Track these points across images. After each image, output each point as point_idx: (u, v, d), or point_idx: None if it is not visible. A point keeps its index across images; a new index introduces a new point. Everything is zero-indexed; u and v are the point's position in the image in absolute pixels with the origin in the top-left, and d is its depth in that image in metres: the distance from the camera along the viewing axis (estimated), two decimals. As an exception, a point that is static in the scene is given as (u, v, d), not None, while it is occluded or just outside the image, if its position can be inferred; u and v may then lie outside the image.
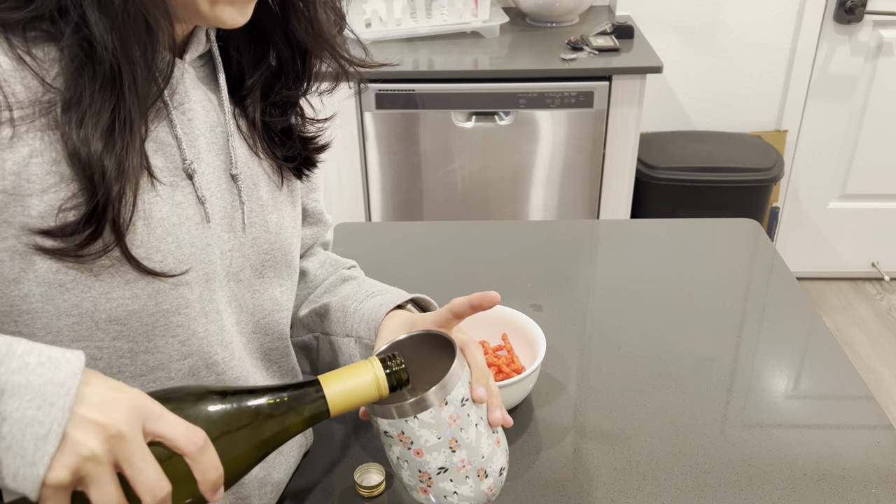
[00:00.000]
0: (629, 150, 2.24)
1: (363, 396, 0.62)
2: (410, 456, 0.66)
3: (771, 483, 0.88)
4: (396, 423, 0.65)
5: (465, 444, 0.66)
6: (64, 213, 0.59)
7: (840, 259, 2.91)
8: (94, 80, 0.58)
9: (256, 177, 0.76)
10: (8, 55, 0.57)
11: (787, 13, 2.53)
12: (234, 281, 0.75)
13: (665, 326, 1.14)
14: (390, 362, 0.63)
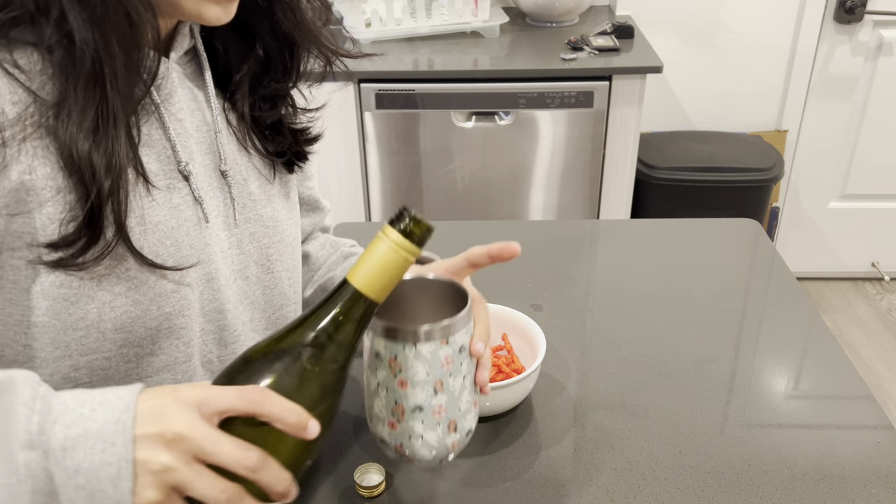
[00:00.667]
0: (629, 150, 2.24)
1: (394, 266, 0.57)
2: (393, 385, 0.65)
3: (771, 483, 0.88)
4: (393, 347, 0.63)
5: (448, 390, 0.66)
6: (65, 225, 0.59)
7: (840, 259, 2.91)
8: (78, 78, 0.57)
9: (246, 172, 0.76)
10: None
11: (787, 13, 2.53)
12: (241, 279, 0.75)
13: (665, 326, 1.14)
14: (400, 221, 0.57)
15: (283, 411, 0.53)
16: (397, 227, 0.57)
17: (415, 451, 0.67)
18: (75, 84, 0.57)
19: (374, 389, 0.67)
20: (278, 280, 0.80)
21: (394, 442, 0.67)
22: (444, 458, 0.68)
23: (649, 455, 0.91)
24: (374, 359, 0.65)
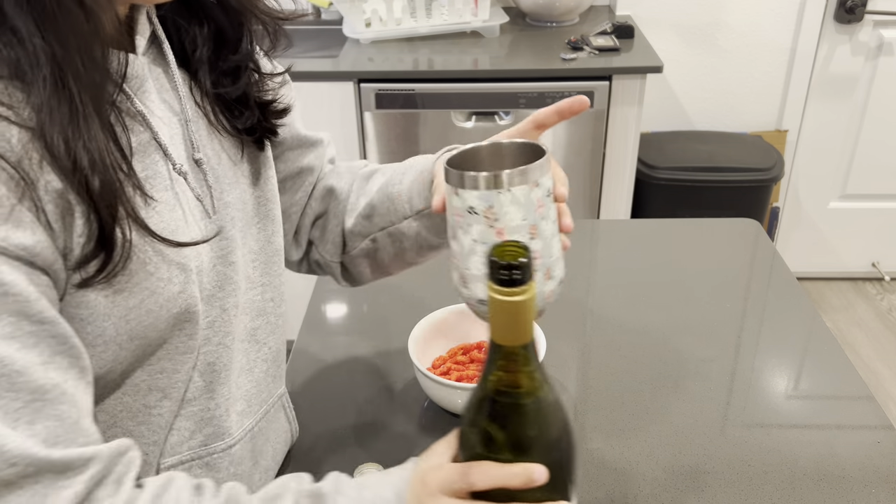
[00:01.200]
0: (629, 150, 2.24)
1: (514, 311, 0.55)
2: (490, 237, 0.65)
3: (771, 483, 0.88)
4: (488, 196, 0.64)
5: (541, 235, 0.66)
6: (86, 242, 0.58)
7: (840, 259, 2.91)
8: (42, 84, 0.54)
9: (217, 156, 0.75)
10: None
11: (787, 13, 2.53)
12: (225, 264, 0.74)
13: (665, 326, 1.14)
14: (492, 274, 0.55)
15: (507, 477, 0.58)
16: (493, 279, 0.55)
17: None
18: (42, 90, 0.54)
19: (469, 249, 0.67)
20: (275, 251, 0.81)
21: None
22: (541, 311, 0.69)
23: (649, 455, 0.91)
24: (467, 216, 0.66)
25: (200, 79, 0.74)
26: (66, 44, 0.54)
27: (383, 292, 1.23)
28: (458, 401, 0.93)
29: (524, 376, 0.58)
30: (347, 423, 0.98)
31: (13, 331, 0.52)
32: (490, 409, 0.59)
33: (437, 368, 1.00)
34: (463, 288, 0.70)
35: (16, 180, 0.52)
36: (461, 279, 0.69)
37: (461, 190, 0.65)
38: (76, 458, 0.55)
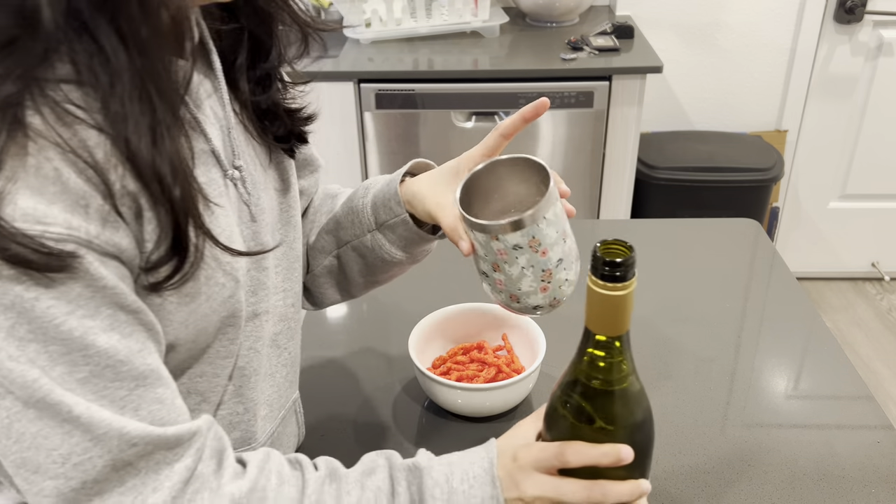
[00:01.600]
0: (629, 150, 2.24)
1: (614, 304, 0.59)
2: (537, 259, 0.72)
3: (771, 483, 0.88)
4: (529, 230, 0.69)
5: (568, 233, 0.75)
6: (158, 247, 0.58)
7: (840, 259, 2.91)
8: (123, 96, 0.54)
9: (253, 162, 0.75)
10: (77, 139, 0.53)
11: (787, 13, 2.53)
12: (258, 270, 0.75)
13: (665, 326, 1.14)
14: (595, 268, 0.58)
15: (598, 456, 0.63)
16: (597, 275, 0.58)
17: (564, 294, 0.76)
18: (124, 100, 0.54)
19: (519, 274, 0.73)
20: (296, 257, 0.81)
21: (548, 300, 0.75)
22: (573, 289, 0.78)
23: (649, 455, 0.92)
24: (512, 252, 0.71)
25: (240, 86, 0.74)
26: (149, 55, 0.54)
27: (383, 292, 1.23)
28: (458, 401, 0.93)
29: (617, 364, 0.62)
30: (347, 422, 0.98)
31: (112, 322, 0.54)
32: (582, 392, 0.64)
33: (437, 368, 1.00)
34: (514, 303, 0.76)
35: (95, 182, 0.53)
36: (511, 298, 0.76)
37: (502, 235, 0.70)
38: (184, 433, 0.58)
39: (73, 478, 0.54)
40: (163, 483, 0.57)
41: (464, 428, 0.96)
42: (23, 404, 0.52)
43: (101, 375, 0.54)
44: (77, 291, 0.52)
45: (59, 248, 0.50)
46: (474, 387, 0.91)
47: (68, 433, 0.53)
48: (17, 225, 0.49)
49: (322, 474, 0.67)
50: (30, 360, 0.51)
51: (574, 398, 0.64)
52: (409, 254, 0.86)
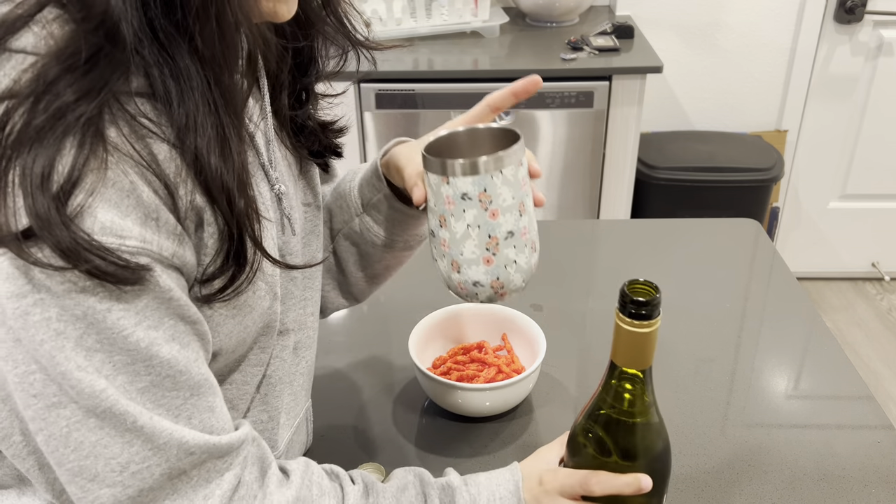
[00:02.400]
0: (629, 150, 2.24)
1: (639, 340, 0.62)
2: (485, 219, 0.68)
3: (771, 483, 0.88)
4: (481, 180, 0.66)
5: (527, 211, 0.70)
6: (216, 258, 0.59)
7: (840, 259, 2.91)
8: (195, 110, 0.54)
9: (286, 175, 0.76)
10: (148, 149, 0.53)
11: (787, 13, 2.53)
12: (287, 279, 0.76)
13: (665, 326, 1.14)
14: (623, 306, 0.61)
15: (620, 486, 0.67)
16: (625, 312, 0.61)
17: (510, 279, 0.71)
18: (195, 113, 0.54)
19: (463, 234, 0.69)
20: (316, 269, 0.81)
21: (490, 278, 0.70)
22: (528, 282, 0.73)
23: (649, 455, 0.92)
24: (460, 202, 0.68)
25: (281, 101, 0.74)
26: (220, 71, 0.55)
27: (383, 292, 1.23)
28: (459, 401, 0.93)
29: (640, 396, 0.65)
30: (347, 423, 0.98)
31: (174, 333, 0.55)
32: (606, 422, 0.67)
33: (437, 368, 1.00)
34: (454, 273, 0.72)
35: (164, 196, 0.53)
36: (452, 266, 0.71)
37: (453, 178, 0.67)
38: (234, 442, 0.60)
39: (130, 486, 0.54)
40: (213, 491, 0.58)
41: (464, 428, 0.96)
42: (84, 413, 0.52)
43: (160, 385, 0.54)
44: (145, 303, 0.53)
45: (135, 261, 0.51)
46: (474, 387, 0.91)
47: (129, 442, 0.54)
48: (98, 238, 0.49)
49: (359, 488, 0.69)
50: (96, 369, 0.52)
51: (597, 428, 0.68)
52: (398, 237, 0.84)
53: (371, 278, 0.90)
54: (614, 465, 0.68)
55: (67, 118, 0.48)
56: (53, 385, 0.52)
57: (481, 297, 0.72)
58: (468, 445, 0.93)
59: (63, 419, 0.53)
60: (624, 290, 0.61)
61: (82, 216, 0.49)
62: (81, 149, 0.49)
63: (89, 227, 0.49)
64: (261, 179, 0.67)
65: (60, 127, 0.48)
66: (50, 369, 0.51)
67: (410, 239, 0.86)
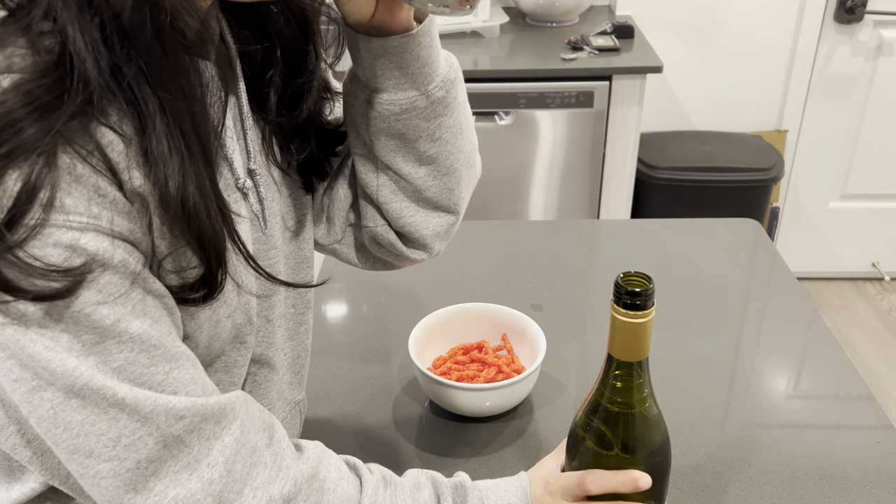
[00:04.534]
0: (629, 150, 2.24)
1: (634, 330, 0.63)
2: None
3: (771, 483, 0.88)
4: None
5: None
6: (183, 273, 0.58)
7: (840, 259, 2.91)
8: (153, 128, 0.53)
9: (267, 166, 0.73)
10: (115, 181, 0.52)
11: (787, 13, 2.53)
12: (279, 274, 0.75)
13: (665, 326, 1.14)
14: (618, 298, 0.63)
15: (616, 484, 0.67)
16: (619, 303, 0.63)
17: None
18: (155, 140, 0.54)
19: None
20: (304, 258, 0.79)
21: None
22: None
23: (649, 455, 0.92)
24: None
25: (268, 105, 0.71)
26: (180, 96, 0.53)
27: (383, 292, 1.23)
28: (459, 401, 0.93)
29: (637, 387, 0.65)
30: (347, 422, 0.98)
31: (144, 307, 0.54)
32: (604, 415, 0.67)
33: (438, 368, 1.00)
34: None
35: (109, 177, 0.52)
36: None
37: None
38: (226, 403, 0.59)
39: (126, 458, 0.54)
40: (216, 458, 0.57)
41: (464, 428, 0.96)
42: (64, 394, 0.52)
43: (136, 363, 0.54)
44: (106, 279, 0.52)
45: (79, 259, 0.50)
46: (474, 387, 0.91)
47: (114, 418, 0.53)
48: (43, 216, 0.48)
49: (378, 478, 0.69)
50: (66, 350, 0.51)
51: (596, 421, 0.68)
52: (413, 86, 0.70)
53: (438, 170, 0.75)
54: (614, 458, 0.68)
55: (20, 151, 0.48)
56: (28, 370, 0.52)
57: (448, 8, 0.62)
58: (468, 445, 0.93)
59: (46, 402, 0.52)
60: (618, 282, 0.63)
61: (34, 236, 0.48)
62: (32, 169, 0.48)
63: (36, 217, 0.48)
64: (227, 171, 0.66)
65: (14, 159, 0.48)
66: (19, 354, 0.51)
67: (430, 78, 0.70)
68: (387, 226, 0.79)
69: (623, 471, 0.67)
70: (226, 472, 0.58)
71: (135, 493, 0.55)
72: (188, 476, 0.56)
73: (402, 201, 0.76)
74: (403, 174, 0.74)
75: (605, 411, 0.67)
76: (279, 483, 0.61)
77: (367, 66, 0.69)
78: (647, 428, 0.67)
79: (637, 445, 0.68)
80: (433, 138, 0.73)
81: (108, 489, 0.55)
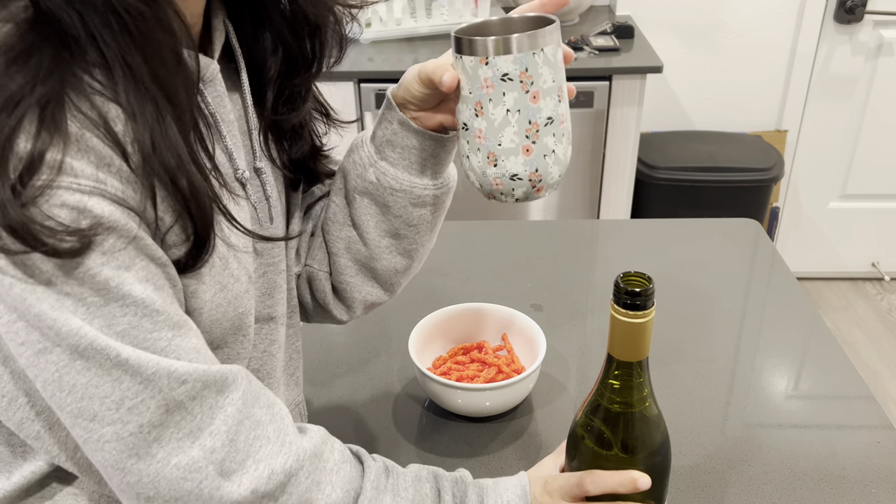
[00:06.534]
0: (629, 150, 2.24)
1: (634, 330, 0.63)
2: (526, 102, 0.65)
3: (771, 483, 0.88)
4: (523, 58, 0.64)
5: (565, 97, 0.68)
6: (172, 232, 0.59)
7: (840, 259, 2.91)
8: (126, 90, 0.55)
9: (272, 167, 0.75)
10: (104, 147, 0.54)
11: (787, 13, 2.53)
12: (275, 273, 0.76)
13: (665, 326, 1.14)
14: (617, 297, 0.62)
15: (615, 485, 0.67)
16: (619, 303, 0.62)
17: (549, 171, 0.68)
18: (125, 93, 0.55)
19: (503, 120, 0.66)
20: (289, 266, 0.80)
21: (529, 169, 0.68)
22: (562, 177, 0.71)
23: (649, 455, 0.92)
24: (500, 84, 0.65)
25: (266, 102, 0.73)
26: (134, 47, 0.54)
27: (383, 292, 1.23)
28: (459, 401, 0.93)
29: (636, 388, 0.65)
30: (347, 423, 0.98)
31: (147, 274, 0.55)
32: (604, 414, 0.67)
33: (438, 368, 1.00)
34: (490, 168, 0.69)
35: (115, 150, 0.54)
36: (489, 159, 0.68)
37: (493, 57, 0.64)
38: (228, 373, 0.59)
39: (129, 422, 0.55)
40: (219, 427, 0.58)
41: (464, 428, 0.96)
42: (69, 356, 0.53)
43: (139, 327, 0.55)
44: (111, 243, 0.53)
45: (86, 218, 0.51)
46: (474, 387, 0.91)
47: (117, 379, 0.54)
48: (49, 178, 0.50)
49: (380, 466, 0.69)
50: (70, 311, 0.52)
51: (596, 420, 0.68)
52: (418, 176, 0.77)
53: (397, 248, 0.81)
54: (614, 458, 0.68)
55: (21, 105, 0.50)
56: (35, 331, 0.53)
57: (517, 192, 0.69)
58: (468, 445, 0.93)
59: (52, 364, 0.53)
60: (618, 282, 0.63)
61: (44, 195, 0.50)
62: (40, 131, 0.50)
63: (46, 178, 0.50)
64: (225, 161, 0.67)
65: (15, 113, 0.50)
66: (26, 314, 0.52)
67: (436, 176, 0.78)
68: (327, 274, 0.85)
69: (622, 471, 0.67)
70: (228, 441, 0.58)
71: (138, 459, 0.56)
72: (191, 444, 0.57)
73: (349, 260, 0.82)
74: (366, 238, 0.80)
75: (605, 411, 0.67)
76: (282, 458, 0.61)
77: (389, 139, 0.76)
78: (646, 428, 0.67)
79: (637, 445, 0.67)
80: (410, 223, 0.79)
81: (111, 453, 0.56)
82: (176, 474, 0.56)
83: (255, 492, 0.59)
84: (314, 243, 0.86)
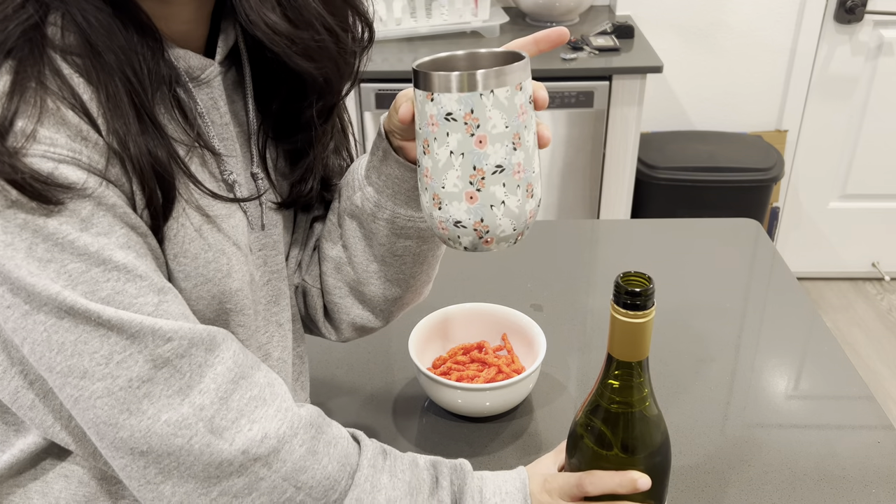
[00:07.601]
0: (629, 150, 2.24)
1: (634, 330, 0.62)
2: (470, 146, 0.60)
3: (771, 483, 0.88)
4: (468, 98, 0.58)
5: (524, 146, 0.61)
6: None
7: (840, 259, 2.91)
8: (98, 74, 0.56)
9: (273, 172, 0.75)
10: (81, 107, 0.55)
11: (787, 13, 2.53)
12: (280, 280, 0.76)
13: (665, 326, 1.14)
14: (618, 298, 0.62)
15: (614, 486, 0.67)
16: (619, 303, 0.62)
17: (496, 223, 0.62)
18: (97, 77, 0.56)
19: (446, 163, 0.61)
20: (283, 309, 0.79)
21: (473, 218, 0.62)
22: (521, 233, 0.64)
23: (649, 455, 0.92)
24: (444, 124, 0.60)
25: (272, 108, 0.72)
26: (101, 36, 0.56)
27: (383, 292, 1.23)
28: (459, 401, 0.93)
29: (636, 388, 0.65)
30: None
31: (127, 241, 0.56)
32: (604, 415, 0.67)
33: (437, 368, 1.00)
34: (436, 210, 0.63)
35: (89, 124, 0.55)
36: (434, 200, 0.63)
37: (437, 94, 0.59)
38: (216, 333, 0.60)
39: (118, 376, 0.56)
40: (208, 385, 0.59)
41: (464, 428, 0.96)
42: (56, 316, 0.54)
43: (123, 292, 0.55)
44: (89, 210, 0.54)
45: (62, 173, 0.52)
46: (474, 387, 0.91)
47: (105, 335, 0.55)
48: (25, 145, 0.51)
49: (377, 447, 0.70)
50: (52, 279, 0.53)
51: (596, 421, 0.68)
52: (405, 206, 0.75)
53: (385, 275, 0.80)
54: (614, 458, 0.68)
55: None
56: (20, 295, 0.54)
57: (464, 241, 0.63)
58: (468, 445, 0.93)
59: (40, 324, 0.54)
60: (618, 282, 0.62)
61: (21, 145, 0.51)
62: (14, 90, 0.52)
63: (18, 143, 0.51)
64: (210, 159, 0.66)
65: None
66: (10, 279, 0.53)
67: (420, 208, 0.76)
68: (319, 291, 0.84)
69: (622, 472, 0.67)
70: (218, 399, 0.59)
71: (129, 415, 0.56)
72: (180, 401, 0.57)
73: (338, 280, 0.82)
74: (354, 262, 0.80)
75: (605, 411, 0.67)
76: (277, 422, 0.62)
77: (376, 165, 0.75)
78: (646, 428, 0.67)
79: (637, 445, 0.67)
80: (394, 253, 0.78)
81: (103, 409, 0.56)
82: (166, 430, 0.57)
83: (246, 452, 0.59)
84: (314, 258, 0.85)
